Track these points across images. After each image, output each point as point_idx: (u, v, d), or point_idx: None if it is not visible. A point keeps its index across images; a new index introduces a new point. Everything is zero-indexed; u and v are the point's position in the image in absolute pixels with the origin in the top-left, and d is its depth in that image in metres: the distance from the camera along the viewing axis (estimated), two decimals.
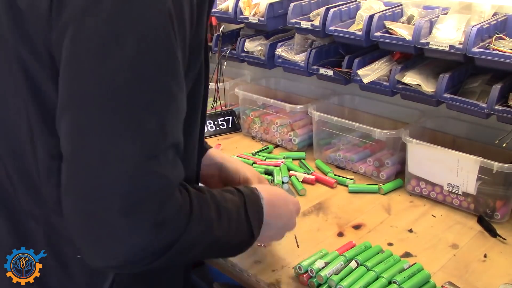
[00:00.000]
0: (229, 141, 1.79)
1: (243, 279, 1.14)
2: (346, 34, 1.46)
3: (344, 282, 1.02)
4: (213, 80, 1.89)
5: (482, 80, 1.37)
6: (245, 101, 1.82)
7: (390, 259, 1.10)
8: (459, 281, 1.07)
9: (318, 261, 1.08)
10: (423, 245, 1.21)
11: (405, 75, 1.40)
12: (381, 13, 1.42)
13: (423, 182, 1.39)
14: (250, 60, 1.80)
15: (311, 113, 1.60)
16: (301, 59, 1.63)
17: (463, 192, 1.32)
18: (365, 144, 1.57)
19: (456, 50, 1.26)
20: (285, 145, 1.72)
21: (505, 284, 1.07)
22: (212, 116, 1.86)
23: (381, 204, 1.39)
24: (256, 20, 1.66)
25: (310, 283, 1.06)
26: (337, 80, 1.57)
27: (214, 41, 1.90)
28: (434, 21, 1.35)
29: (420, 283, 1.04)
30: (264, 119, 1.76)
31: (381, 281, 1.03)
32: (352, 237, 1.23)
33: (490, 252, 1.18)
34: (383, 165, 1.50)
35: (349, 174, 1.54)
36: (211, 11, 1.10)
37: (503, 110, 1.24)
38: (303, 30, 1.58)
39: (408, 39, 1.34)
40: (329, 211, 1.35)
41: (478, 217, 1.30)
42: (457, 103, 1.32)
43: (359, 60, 1.49)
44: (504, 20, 1.34)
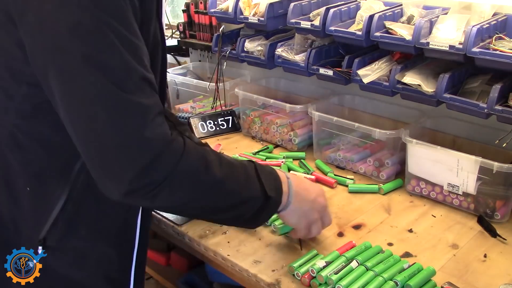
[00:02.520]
0: (229, 141, 1.79)
1: (243, 279, 1.14)
2: (346, 34, 1.46)
3: (343, 281, 1.02)
4: (213, 80, 1.89)
5: (482, 80, 1.37)
6: (245, 101, 1.82)
7: (390, 259, 1.10)
8: (459, 281, 1.07)
9: (318, 261, 1.08)
10: (423, 245, 1.21)
11: (405, 75, 1.40)
12: (381, 13, 1.42)
13: (423, 182, 1.39)
14: (250, 60, 1.80)
15: (311, 113, 1.60)
16: (301, 59, 1.63)
17: (463, 192, 1.32)
18: (365, 144, 1.57)
19: (456, 50, 1.26)
20: (285, 145, 1.72)
21: (505, 284, 1.06)
22: (212, 116, 1.86)
23: (381, 204, 1.39)
24: (256, 20, 1.66)
25: (312, 283, 1.06)
26: (337, 80, 1.57)
27: (214, 41, 1.90)
28: (434, 21, 1.35)
29: (425, 279, 1.05)
30: (264, 119, 1.76)
31: (382, 281, 1.03)
32: (352, 237, 1.23)
33: (490, 252, 1.18)
34: (383, 165, 1.50)
35: (349, 174, 1.54)
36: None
37: (503, 110, 1.24)
38: (303, 30, 1.58)
39: (408, 39, 1.34)
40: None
41: (478, 217, 1.30)
42: (457, 103, 1.32)
43: (359, 60, 1.49)
44: (504, 20, 1.34)
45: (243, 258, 1.16)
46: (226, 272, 1.19)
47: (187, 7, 2.09)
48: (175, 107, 2.04)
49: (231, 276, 1.19)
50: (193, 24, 2.10)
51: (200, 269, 1.70)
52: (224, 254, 1.18)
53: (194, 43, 2.11)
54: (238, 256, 1.17)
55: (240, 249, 1.19)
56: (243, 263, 1.14)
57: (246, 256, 1.17)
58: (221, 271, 1.21)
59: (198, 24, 2.07)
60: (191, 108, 1.99)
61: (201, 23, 2.05)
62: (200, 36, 2.09)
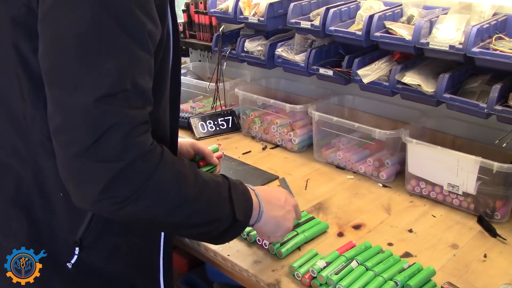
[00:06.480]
0: (229, 141, 1.79)
1: (243, 279, 1.14)
2: (346, 34, 1.46)
3: (343, 281, 1.02)
4: (213, 80, 1.89)
5: (482, 80, 1.37)
6: (245, 101, 1.82)
7: (390, 259, 1.10)
8: (459, 281, 1.07)
9: (319, 261, 1.08)
10: (423, 245, 1.21)
11: (405, 75, 1.40)
12: (381, 13, 1.42)
13: (423, 182, 1.39)
14: (250, 60, 1.80)
15: (311, 113, 1.60)
16: (301, 59, 1.63)
17: (463, 192, 1.32)
18: (365, 144, 1.57)
19: (456, 50, 1.26)
20: (285, 145, 1.72)
21: (505, 284, 1.06)
22: (212, 116, 1.86)
23: (381, 204, 1.39)
24: (256, 20, 1.66)
25: (313, 284, 1.06)
26: (337, 80, 1.57)
27: (214, 41, 1.90)
28: (434, 21, 1.35)
29: (425, 279, 1.05)
30: (264, 119, 1.76)
31: (382, 281, 1.03)
32: (352, 237, 1.23)
33: (490, 252, 1.18)
34: (383, 165, 1.50)
35: (349, 174, 1.54)
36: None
37: (503, 110, 1.24)
38: (303, 30, 1.58)
39: (408, 39, 1.34)
40: (329, 211, 1.35)
41: (478, 217, 1.30)
42: (457, 103, 1.32)
43: (359, 60, 1.49)
44: (504, 20, 1.34)
45: (243, 258, 1.16)
46: (226, 272, 1.19)
47: (187, 7, 2.09)
48: None
49: (231, 276, 1.19)
50: (193, 24, 2.10)
51: (200, 269, 1.69)
52: (224, 254, 1.18)
53: (194, 43, 2.11)
54: (238, 256, 1.17)
55: (240, 249, 1.19)
56: (243, 263, 1.14)
57: (246, 256, 1.17)
58: (221, 271, 1.21)
59: (198, 24, 2.07)
60: (191, 108, 1.99)
61: (201, 23, 2.06)
62: (200, 36, 2.09)
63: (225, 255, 1.17)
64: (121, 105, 0.77)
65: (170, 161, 0.85)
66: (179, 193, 0.86)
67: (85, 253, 0.95)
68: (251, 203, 0.99)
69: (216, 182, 0.94)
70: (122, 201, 0.80)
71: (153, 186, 0.81)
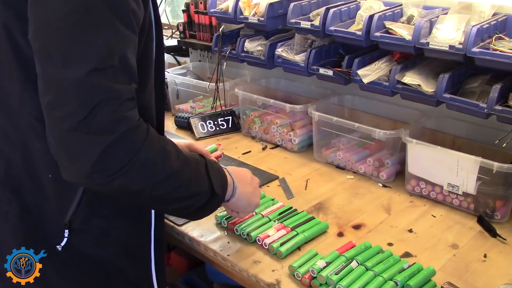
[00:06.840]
0: (229, 141, 1.79)
1: (243, 279, 1.14)
2: (346, 34, 1.46)
3: (344, 281, 1.02)
4: (213, 80, 1.89)
5: (482, 80, 1.37)
6: (245, 101, 1.82)
7: (390, 259, 1.10)
8: (459, 281, 1.07)
9: (319, 261, 1.08)
10: (423, 245, 1.21)
11: (405, 75, 1.40)
12: (381, 13, 1.42)
13: (423, 182, 1.40)
14: (250, 60, 1.80)
15: (311, 113, 1.60)
16: (301, 59, 1.63)
17: (463, 192, 1.32)
18: (365, 144, 1.57)
19: (456, 50, 1.26)
20: (285, 145, 1.72)
21: (505, 284, 1.07)
22: (212, 116, 1.86)
23: (381, 204, 1.39)
24: (256, 20, 1.66)
25: (313, 284, 1.06)
26: (337, 80, 1.57)
27: (214, 41, 1.90)
28: (434, 21, 1.35)
29: (425, 279, 1.05)
30: (264, 119, 1.76)
31: (382, 281, 1.03)
32: (352, 237, 1.23)
33: (490, 252, 1.18)
34: (383, 165, 1.50)
35: (349, 174, 1.54)
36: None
37: (503, 110, 1.24)
38: (303, 30, 1.58)
39: (408, 39, 1.34)
40: (329, 211, 1.35)
41: (478, 217, 1.30)
42: (457, 103, 1.32)
43: (359, 60, 1.49)
44: (504, 20, 1.34)
45: (243, 258, 1.16)
46: (226, 272, 1.19)
47: (187, 7, 2.09)
48: (175, 107, 2.04)
49: (231, 276, 1.18)
50: (193, 24, 2.10)
51: (200, 269, 1.70)
52: (224, 254, 1.18)
53: (194, 43, 2.11)
54: (238, 256, 1.17)
55: (240, 249, 1.19)
56: (243, 263, 1.14)
57: (246, 256, 1.17)
58: (221, 271, 1.21)
59: (198, 24, 2.07)
60: (191, 108, 1.99)
61: (201, 23, 2.05)
62: (200, 36, 2.09)
63: (225, 255, 1.17)
64: (110, 79, 0.80)
65: (155, 136, 0.88)
66: (165, 166, 0.89)
67: (74, 236, 0.96)
68: (226, 179, 1.05)
69: (195, 159, 0.99)
70: (114, 173, 0.82)
71: (142, 159, 0.84)
